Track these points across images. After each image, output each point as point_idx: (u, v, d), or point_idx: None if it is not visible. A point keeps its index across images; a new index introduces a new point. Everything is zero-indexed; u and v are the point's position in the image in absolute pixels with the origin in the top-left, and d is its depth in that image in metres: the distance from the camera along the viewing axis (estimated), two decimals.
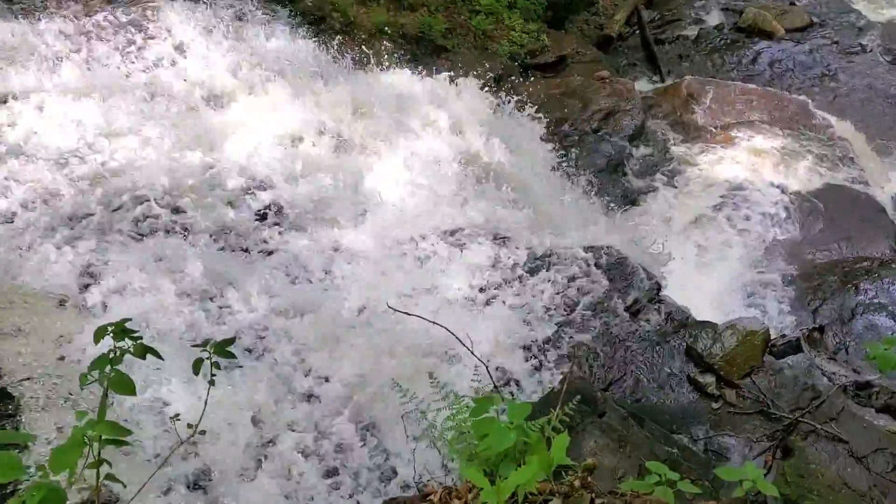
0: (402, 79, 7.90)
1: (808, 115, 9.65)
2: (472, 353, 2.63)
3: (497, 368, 4.58)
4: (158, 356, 2.09)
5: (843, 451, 4.11)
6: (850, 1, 12.75)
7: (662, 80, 10.89)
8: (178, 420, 2.45)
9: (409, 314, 3.15)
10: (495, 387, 2.38)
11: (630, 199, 8.46)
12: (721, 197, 8.28)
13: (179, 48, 6.74)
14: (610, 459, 3.72)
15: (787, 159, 8.86)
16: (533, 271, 5.46)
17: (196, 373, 2.15)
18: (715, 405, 4.44)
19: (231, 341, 2.19)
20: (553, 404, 2.67)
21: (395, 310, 3.06)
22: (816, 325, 6.74)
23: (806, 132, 9.32)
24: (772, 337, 6.16)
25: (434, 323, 2.92)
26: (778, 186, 8.48)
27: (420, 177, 6.08)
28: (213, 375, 2.16)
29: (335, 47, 7.79)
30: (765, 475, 4.03)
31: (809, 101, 10.00)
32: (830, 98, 10.56)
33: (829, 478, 3.94)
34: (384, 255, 5.20)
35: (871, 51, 11.50)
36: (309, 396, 4.08)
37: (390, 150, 6.45)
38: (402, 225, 5.56)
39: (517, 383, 4.60)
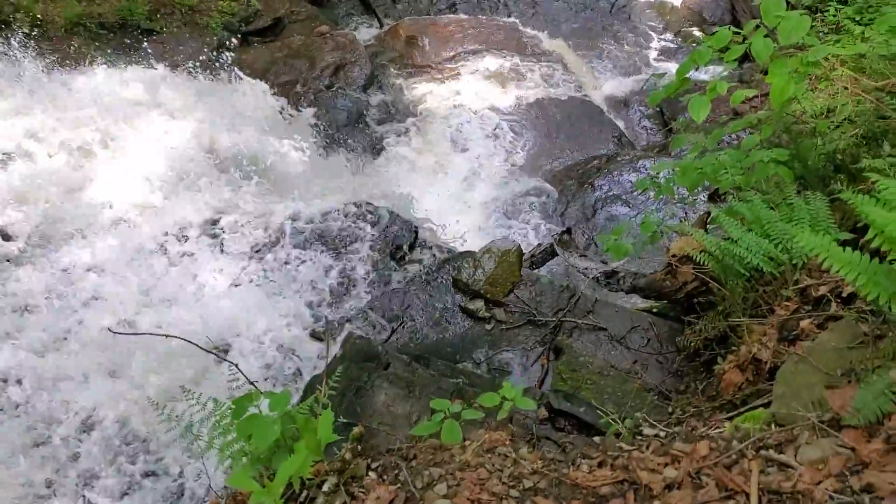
0: (109, 71, 7.32)
1: (519, 36, 10.25)
2: (216, 354, 2.55)
3: (285, 356, 4.53)
4: None
5: (604, 338, 4.52)
6: None
7: (381, 26, 11.01)
8: None
9: (134, 334, 2.98)
10: (250, 382, 2.33)
11: (376, 149, 8.55)
12: (458, 127, 8.61)
13: None
14: (402, 407, 3.82)
15: (509, 80, 9.38)
16: (293, 244, 5.39)
17: None
18: (488, 326, 4.70)
19: None
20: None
21: (117, 332, 2.88)
22: (565, 228, 7.31)
23: (521, 52, 9.91)
24: (528, 250, 6.62)
25: (166, 336, 2.78)
26: (507, 106, 8.98)
27: (152, 172, 5.72)
28: None
29: (29, 51, 7.02)
30: (542, 378, 4.36)
31: (517, 22, 10.61)
32: (535, 16, 11.28)
33: (597, 365, 4.32)
34: (128, 264, 4.87)
35: None
36: (73, 437, 3.77)
37: (114, 149, 5.99)
38: (143, 227, 5.23)
39: (305, 360, 4.57)
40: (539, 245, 6.66)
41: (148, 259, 4.96)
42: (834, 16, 5.61)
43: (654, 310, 4.53)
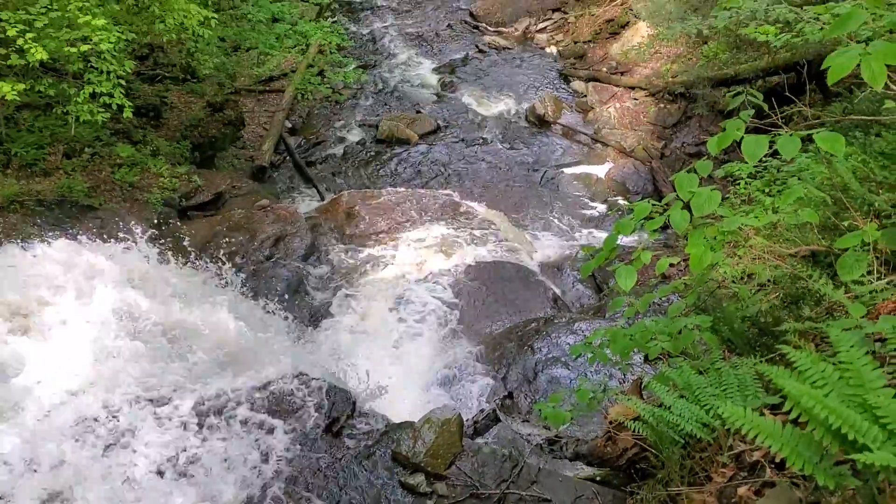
0: (43, 247, 7.27)
1: (456, 207, 10.67)
2: None
3: None
4: None
5: None
6: (465, 103, 14.54)
7: (322, 198, 11.34)
8: None
9: None
10: None
11: (316, 318, 8.55)
12: (396, 295, 8.72)
13: None
14: None
15: (447, 248, 9.65)
16: (226, 421, 5.21)
17: None
18: (430, 502, 4.54)
19: None
20: None
21: None
22: (507, 393, 7.28)
23: (457, 221, 10.27)
24: (471, 416, 6.53)
25: None
26: (445, 273, 9.16)
27: (80, 351, 5.55)
28: None
29: None
30: None
31: (453, 193, 11.08)
32: (470, 187, 11.82)
33: None
34: (45, 450, 4.61)
35: (492, 141, 13.16)
36: None
37: (42, 328, 5.83)
38: (68, 409, 5.00)
39: None
40: (482, 411, 6.60)
41: (67, 443, 4.71)
42: (745, 188, 6.03)
43: (598, 478, 4.47)
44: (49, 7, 7.12)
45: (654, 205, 3.86)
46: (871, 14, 3.52)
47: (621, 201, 11.41)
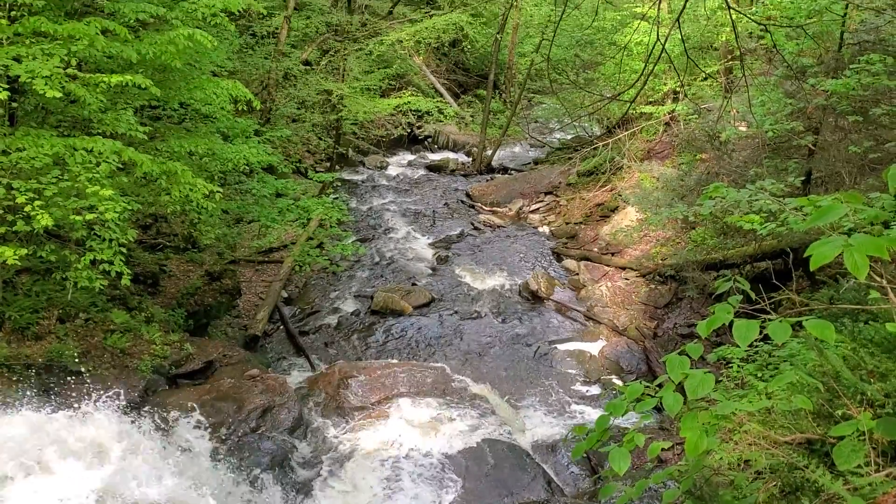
0: (27, 414, 7.14)
1: (448, 380, 10.56)
2: None
3: None
4: None
5: None
6: (458, 276, 14.82)
7: (313, 369, 11.25)
8: None
9: None
10: None
11: (300, 494, 8.23)
12: (385, 472, 8.45)
13: None
14: None
15: (438, 424, 9.45)
16: None
17: None
18: None
19: None
20: None
21: None
22: None
23: (449, 396, 10.13)
24: None
25: None
26: (436, 451, 8.92)
27: None
28: None
29: None
30: None
31: (446, 367, 11.01)
32: (462, 361, 11.77)
33: None
34: None
35: (485, 315, 13.27)
36: None
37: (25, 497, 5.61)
38: None
39: None
40: None
41: None
42: (738, 371, 6.03)
43: None
44: (60, 177, 7.41)
45: (646, 386, 3.84)
46: (852, 208, 3.68)
47: (615, 380, 11.33)
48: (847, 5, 9.64)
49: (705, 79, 16.60)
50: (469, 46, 27.30)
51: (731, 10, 5.71)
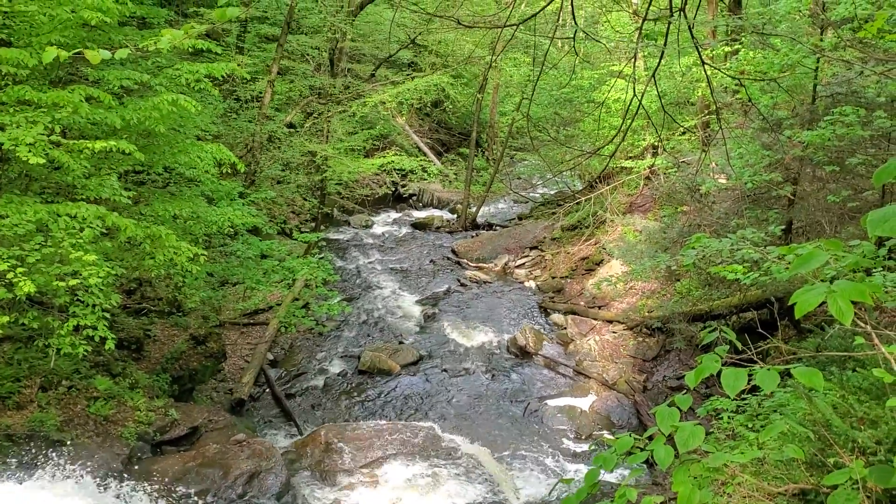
0: (8, 485, 6.96)
1: (437, 441, 10.41)
2: None
3: None
4: None
5: None
6: (446, 333, 14.74)
7: (300, 432, 11.06)
8: None
9: None
10: None
11: None
12: None
13: None
14: None
15: (428, 486, 9.28)
16: None
17: None
18: None
19: None
20: None
21: None
22: None
23: (439, 457, 9.97)
24: None
25: None
26: None
27: None
28: None
29: None
30: None
31: (435, 426, 10.87)
32: (452, 420, 11.63)
33: None
34: None
35: (474, 372, 13.17)
36: None
37: None
38: None
39: None
40: None
41: None
42: (728, 423, 5.99)
43: None
44: (43, 244, 7.37)
45: (636, 438, 3.80)
46: (833, 255, 3.72)
47: (607, 435, 11.20)
48: (819, 59, 9.90)
49: (683, 133, 16.91)
50: (451, 106, 27.76)
51: (706, 66, 5.85)
